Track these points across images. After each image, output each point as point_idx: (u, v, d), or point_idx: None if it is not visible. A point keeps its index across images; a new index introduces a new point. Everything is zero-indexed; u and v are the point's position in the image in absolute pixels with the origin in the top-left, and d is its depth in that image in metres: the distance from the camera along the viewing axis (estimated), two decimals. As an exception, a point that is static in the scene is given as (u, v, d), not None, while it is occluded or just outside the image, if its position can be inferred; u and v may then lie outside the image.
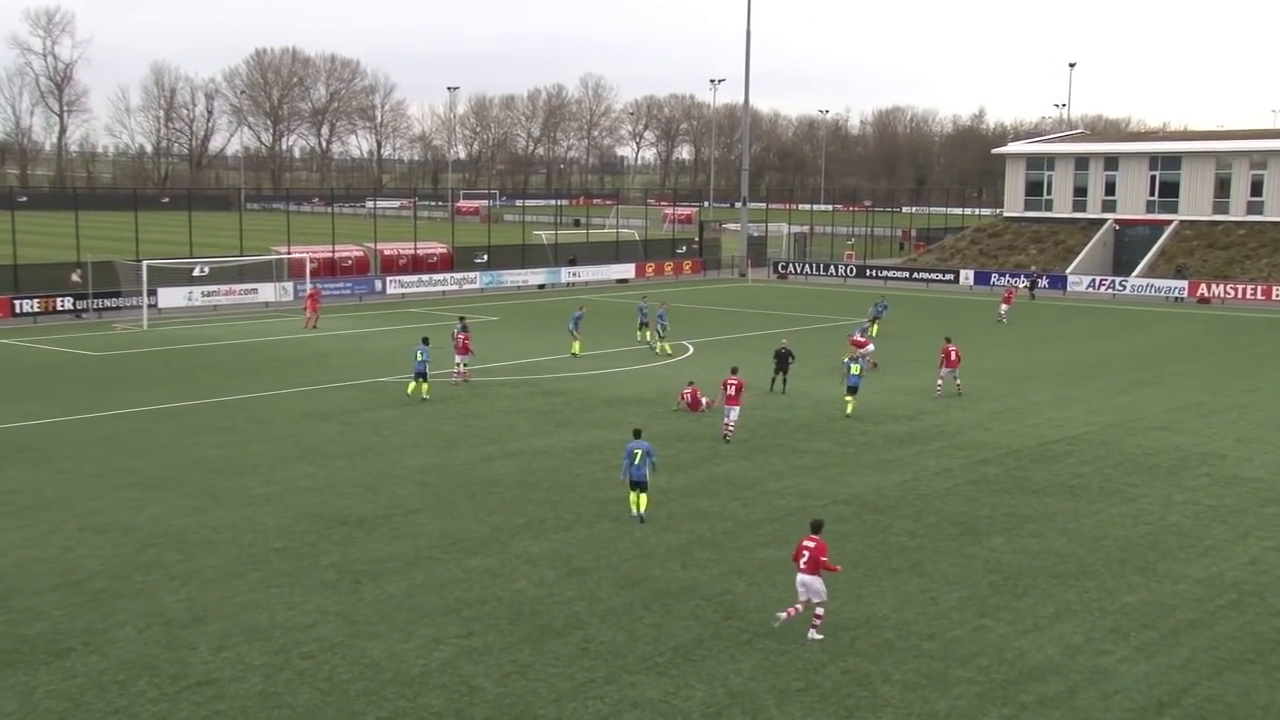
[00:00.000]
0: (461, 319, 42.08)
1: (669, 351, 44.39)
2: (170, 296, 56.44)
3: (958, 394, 36.50)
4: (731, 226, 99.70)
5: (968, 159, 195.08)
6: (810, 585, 17.33)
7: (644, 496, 23.09)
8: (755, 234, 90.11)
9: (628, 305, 61.85)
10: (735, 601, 18.73)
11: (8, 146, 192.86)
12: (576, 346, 43.61)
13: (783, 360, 36.70)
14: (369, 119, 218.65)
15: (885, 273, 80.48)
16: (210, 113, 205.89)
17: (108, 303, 55.11)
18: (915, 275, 79.60)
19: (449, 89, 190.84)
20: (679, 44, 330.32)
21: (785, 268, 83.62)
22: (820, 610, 17.38)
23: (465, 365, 37.87)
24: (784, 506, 24.18)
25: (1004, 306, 58.02)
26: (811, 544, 17.46)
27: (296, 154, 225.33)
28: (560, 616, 17.99)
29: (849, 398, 33.23)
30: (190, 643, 16.76)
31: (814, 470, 27.22)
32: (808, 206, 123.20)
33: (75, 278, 55.73)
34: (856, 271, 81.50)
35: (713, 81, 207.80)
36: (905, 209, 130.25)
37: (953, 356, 36.74)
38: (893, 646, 17.06)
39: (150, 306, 53.66)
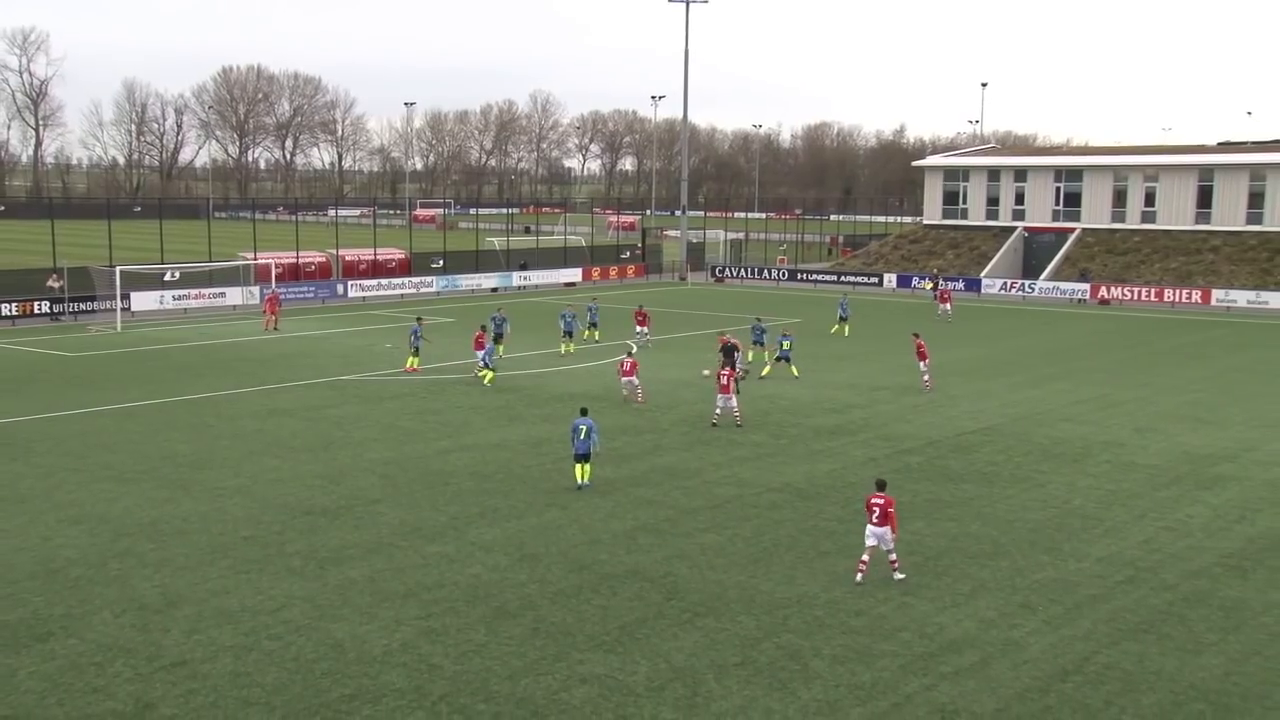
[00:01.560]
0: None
1: (571, 351, 43.79)
2: (143, 300, 55.57)
3: (924, 388, 36.76)
4: (672, 233, 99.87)
5: (890, 171, 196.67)
6: (881, 535, 18.77)
7: (588, 467, 24.42)
8: (694, 240, 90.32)
9: (579, 307, 61.78)
10: (677, 583, 18.80)
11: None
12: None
13: (729, 354, 36.09)
14: (330, 132, 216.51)
15: (815, 276, 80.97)
16: (180, 127, 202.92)
17: (83, 306, 54.17)
18: (842, 278, 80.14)
19: (406, 104, 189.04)
20: (622, 63, 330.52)
21: (722, 271, 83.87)
22: (893, 556, 18.97)
23: (491, 358, 38.41)
24: (722, 495, 24.28)
25: (944, 306, 59.06)
26: (880, 499, 18.82)
27: (262, 165, 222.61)
28: (513, 599, 17.97)
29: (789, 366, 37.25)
30: (164, 626, 16.56)
31: (750, 461, 27.35)
32: (743, 214, 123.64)
33: (52, 283, 54.70)
34: (788, 275, 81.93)
35: (654, 98, 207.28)
36: (833, 217, 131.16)
37: (923, 350, 37.30)
38: (823, 623, 17.21)
39: (123, 310, 52.84)
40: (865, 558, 19.00)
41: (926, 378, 37.26)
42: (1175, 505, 24.01)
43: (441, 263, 73.08)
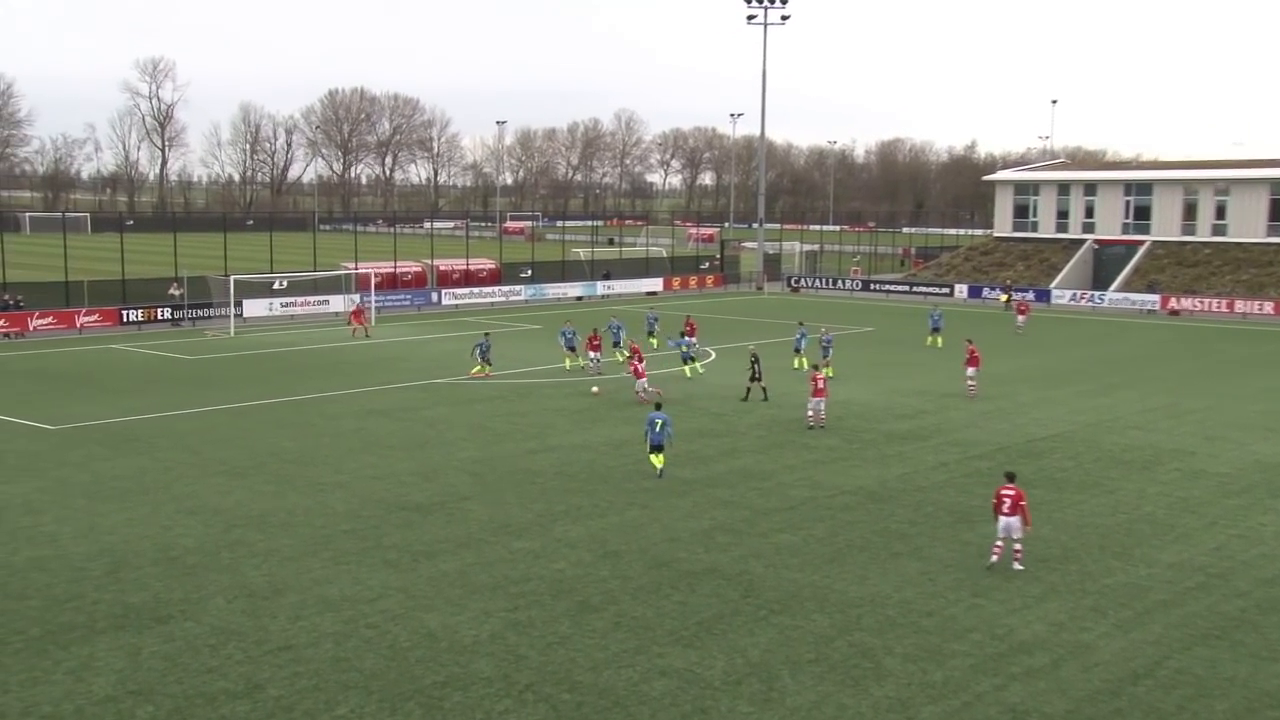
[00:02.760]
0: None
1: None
2: (254, 307, 56.83)
3: (968, 395, 36.13)
4: (749, 245, 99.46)
5: (961, 185, 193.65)
6: (1012, 525, 18.93)
7: (662, 457, 25.22)
8: (770, 251, 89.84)
9: (663, 317, 61.84)
10: (753, 581, 18.67)
11: (118, 177, 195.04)
12: (569, 362, 41.05)
13: (755, 370, 34.83)
14: (427, 150, 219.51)
15: (887, 286, 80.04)
16: (289, 145, 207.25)
17: (200, 313, 55.57)
18: (914, 289, 79.13)
19: (498, 122, 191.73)
20: (703, 82, 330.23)
21: (798, 282, 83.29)
22: (1019, 546, 19.06)
23: (599, 362, 38.91)
24: (796, 496, 24.08)
25: (1021, 318, 56.57)
26: (1011, 491, 19.02)
27: (364, 180, 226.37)
28: (596, 594, 17.99)
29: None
30: (271, 612, 16.88)
31: (824, 464, 27.10)
32: (818, 227, 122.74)
33: (173, 290, 56.23)
34: (862, 285, 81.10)
35: (732, 115, 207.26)
36: (905, 229, 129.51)
37: (974, 357, 36.56)
38: (895, 623, 16.96)
39: (236, 316, 54.08)
40: (999, 543, 19.24)
41: (973, 384, 36.49)
42: (1246, 513, 23.24)
43: (530, 272, 73.65)
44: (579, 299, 71.82)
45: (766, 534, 21.33)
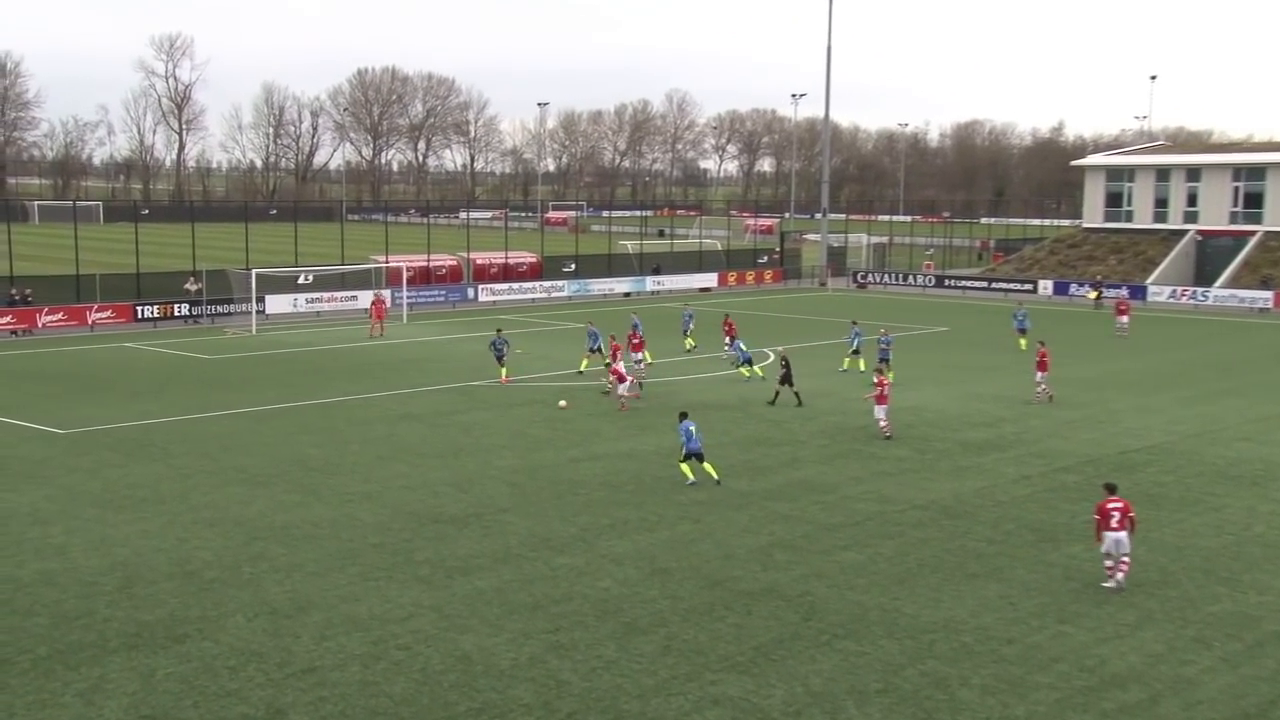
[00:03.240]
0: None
1: (693, 345, 43.52)
2: (277, 303, 57.55)
3: (1035, 400, 35.84)
4: (812, 237, 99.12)
5: (1046, 171, 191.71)
6: (1122, 541, 18.95)
7: (708, 464, 25.58)
8: (835, 244, 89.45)
9: (714, 314, 61.76)
10: (815, 603, 18.58)
11: (132, 163, 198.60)
12: (585, 364, 40.88)
13: (786, 374, 34.82)
14: (463, 134, 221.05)
15: (963, 283, 79.38)
16: (315, 129, 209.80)
17: (220, 309, 56.35)
18: (993, 285, 78.37)
19: (539, 104, 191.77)
20: (761, 60, 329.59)
21: (864, 277, 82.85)
22: (1128, 560, 19.09)
23: (641, 362, 38.97)
24: (862, 511, 23.93)
25: (1123, 319, 54.53)
26: (1119, 503, 19.11)
27: (395, 167, 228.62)
28: (644, 615, 17.99)
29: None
30: (294, 632, 17.06)
31: (892, 476, 26.92)
32: (886, 217, 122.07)
33: (189, 285, 57.07)
34: (935, 281, 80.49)
35: (794, 96, 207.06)
36: (983, 220, 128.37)
37: (1045, 360, 36.15)
38: (971, 650, 16.78)
39: (258, 312, 54.77)
40: (1110, 562, 19.23)
41: (1041, 389, 36.07)
42: (1365, 534, 22.75)
43: (573, 266, 73.93)
44: (627, 295, 71.97)
45: (830, 552, 21.22)
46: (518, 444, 29.68)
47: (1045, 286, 75.80)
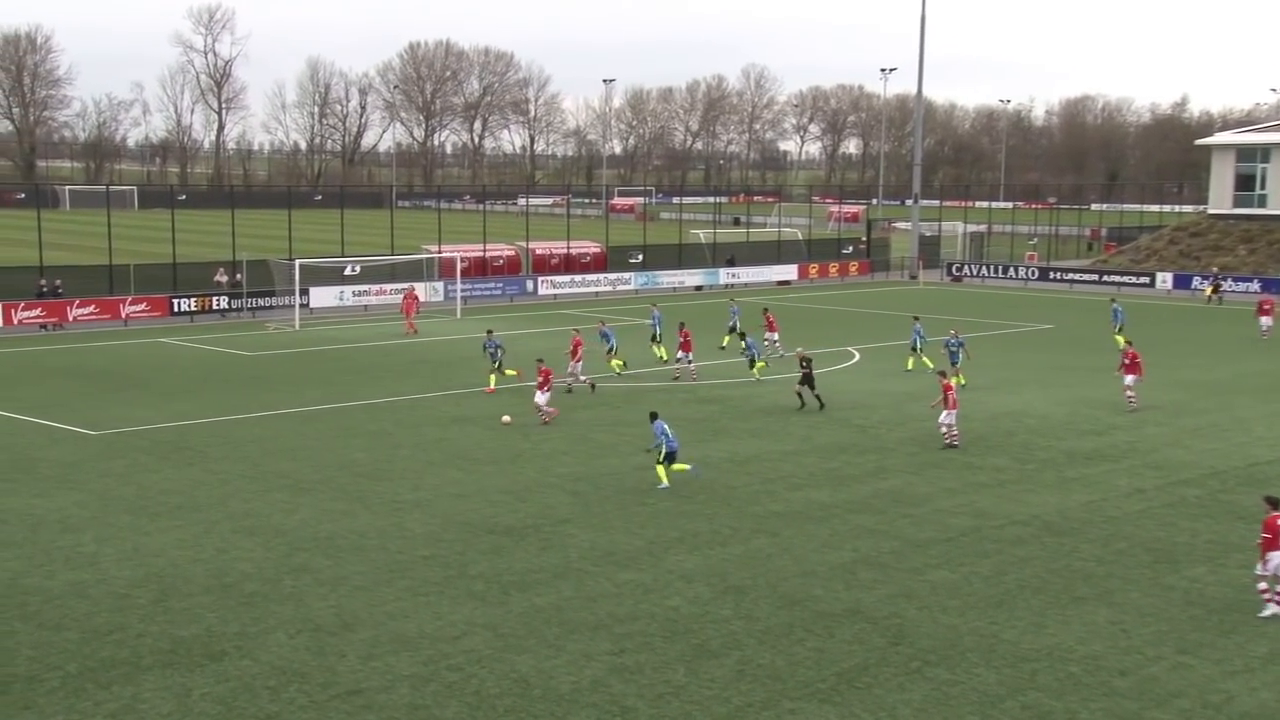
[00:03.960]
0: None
1: (664, 357, 43.15)
2: (322, 296, 58.29)
3: (1130, 408, 35.20)
4: (902, 225, 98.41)
5: (1166, 151, 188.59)
6: None
7: (677, 464, 26.22)
8: (927, 233, 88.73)
9: (797, 310, 61.57)
10: (904, 626, 18.46)
11: (169, 145, 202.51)
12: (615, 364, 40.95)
13: (807, 376, 34.59)
14: (522, 113, 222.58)
15: (1071, 275, 78.33)
16: (363, 108, 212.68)
17: (261, 301, 57.21)
18: (1105, 278, 77.26)
19: (605, 81, 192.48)
20: (847, 31, 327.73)
21: (960, 269, 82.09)
22: None
23: (690, 363, 39.26)
24: (956, 526, 23.72)
25: (1265, 320, 52.75)
26: None
27: (448, 150, 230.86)
28: (716, 636, 17.99)
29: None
30: (339, 650, 17.28)
31: (989, 488, 26.66)
32: (985, 204, 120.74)
33: (220, 278, 58.02)
34: (1039, 274, 79.51)
35: (883, 71, 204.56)
36: (1094, 206, 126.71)
37: (1134, 363, 35.51)
38: (1079, 682, 16.57)
39: (302, 306, 55.49)
40: (1264, 585, 19.04)
41: (1132, 395, 35.47)
42: None
43: (640, 257, 74.03)
44: (698, 289, 71.97)
45: (920, 570, 21.07)
46: (580, 449, 29.81)
47: (1164, 280, 74.52)
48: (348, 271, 61.06)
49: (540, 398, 32.51)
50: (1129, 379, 35.48)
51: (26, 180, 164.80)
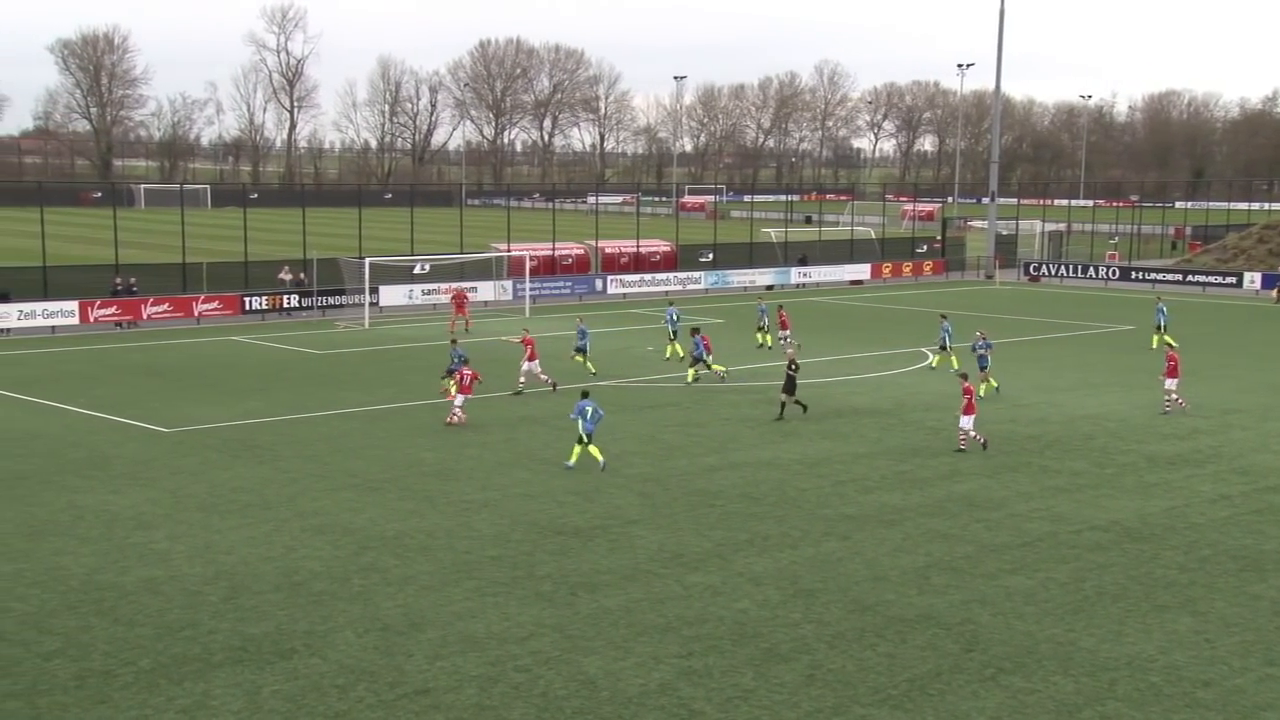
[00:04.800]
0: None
1: (681, 356, 43.26)
2: (391, 294, 58.85)
3: (1163, 411, 34.78)
4: (978, 224, 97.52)
5: (1256, 147, 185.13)
6: None
7: (592, 448, 27.41)
8: (1004, 232, 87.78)
9: (869, 310, 61.24)
10: (978, 632, 18.29)
11: (241, 143, 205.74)
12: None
13: (790, 380, 33.45)
14: (592, 111, 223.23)
15: (1154, 275, 77.09)
16: (434, 106, 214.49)
17: (331, 300, 57.88)
18: (1190, 278, 75.95)
19: (675, 78, 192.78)
20: (923, 26, 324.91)
21: (1038, 269, 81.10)
22: None
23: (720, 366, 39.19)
24: (1032, 531, 23.45)
25: None
26: None
27: (518, 148, 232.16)
28: (785, 640, 17.94)
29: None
30: (407, 650, 17.45)
31: (1067, 492, 26.33)
32: (1064, 202, 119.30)
33: (284, 276, 58.75)
34: (1120, 273, 78.35)
35: (960, 66, 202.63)
36: (1179, 204, 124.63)
37: (1175, 366, 34.99)
38: (1160, 693, 16.32)
39: (372, 304, 56.08)
40: None
41: (1172, 399, 34.97)
42: None
43: (711, 256, 73.94)
44: (769, 288, 71.74)
45: (994, 575, 20.87)
46: (648, 450, 29.84)
47: (1251, 280, 73.13)
48: (417, 270, 61.58)
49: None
50: (1170, 383, 34.97)
51: (103, 179, 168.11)
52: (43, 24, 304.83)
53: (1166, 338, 46.16)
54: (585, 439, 27.48)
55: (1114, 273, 78.71)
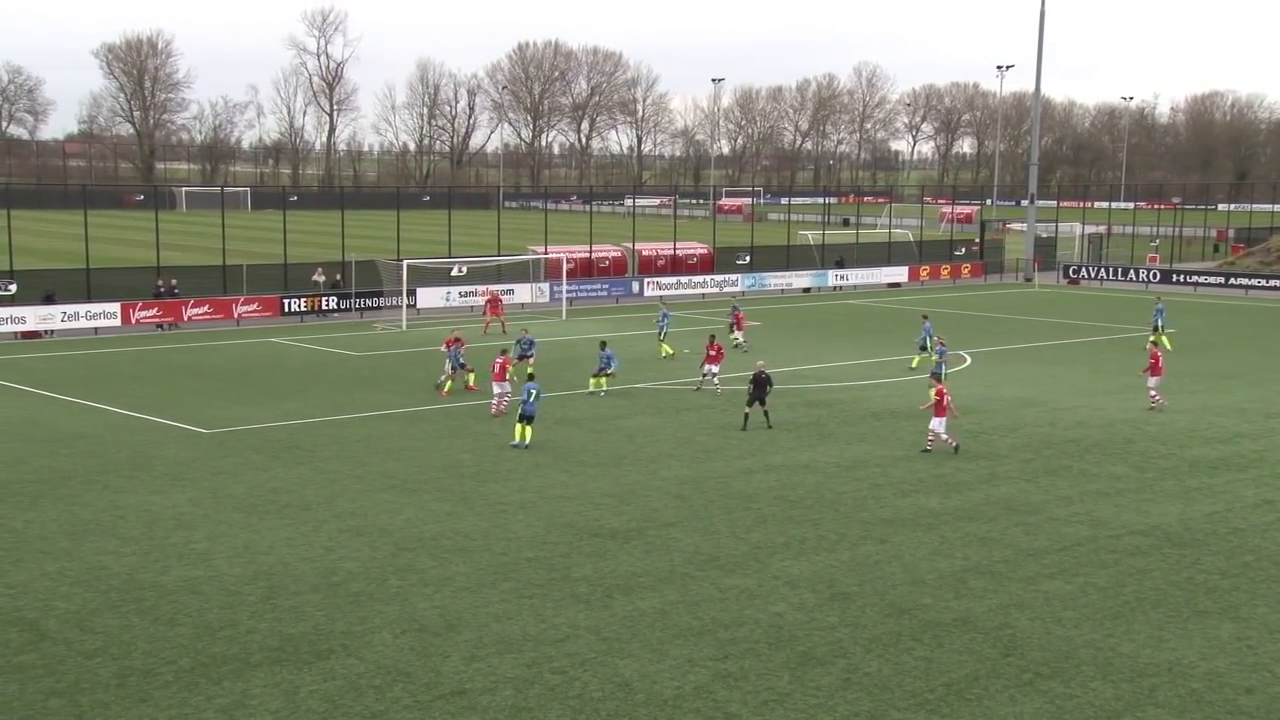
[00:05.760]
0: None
1: (670, 353, 44.32)
2: (429, 297, 59.09)
3: (1149, 407, 35.14)
4: (1017, 226, 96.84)
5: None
6: None
7: (530, 429, 29.65)
8: (1043, 234, 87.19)
9: (907, 312, 60.95)
10: (1016, 637, 18.17)
11: (281, 146, 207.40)
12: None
13: (760, 386, 32.45)
14: (630, 113, 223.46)
15: (1196, 278, 76.37)
16: (472, 109, 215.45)
17: (369, 302, 58.19)
18: (1232, 281, 75.17)
19: (713, 80, 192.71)
20: (962, 28, 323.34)
21: (1077, 272, 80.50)
22: None
23: (716, 377, 38.46)
24: (1072, 535, 23.28)
25: None
26: None
27: (555, 150, 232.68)
28: (822, 644, 17.88)
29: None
30: (443, 651, 17.51)
31: (1107, 496, 26.12)
32: (1105, 204, 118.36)
33: (317, 277, 59.06)
34: (1160, 276, 77.65)
35: (999, 68, 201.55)
36: (1221, 206, 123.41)
37: (1159, 364, 35.25)
38: (1201, 699, 16.16)
39: (409, 306, 56.33)
40: None
41: (1155, 395, 35.27)
42: None
43: (748, 259, 73.83)
44: (806, 291, 71.60)
45: (1033, 580, 20.72)
46: (685, 452, 29.83)
47: (1294, 282, 72.33)
48: (454, 272, 61.79)
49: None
50: (1150, 380, 35.33)
51: (146, 182, 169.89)
52: (88, 29, 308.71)
53: (1162, 338, 46.07)
54: (528, 419, 29.85)
55: (1155, 275, 78.02)
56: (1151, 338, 45.24)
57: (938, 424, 29.82)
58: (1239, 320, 58.94)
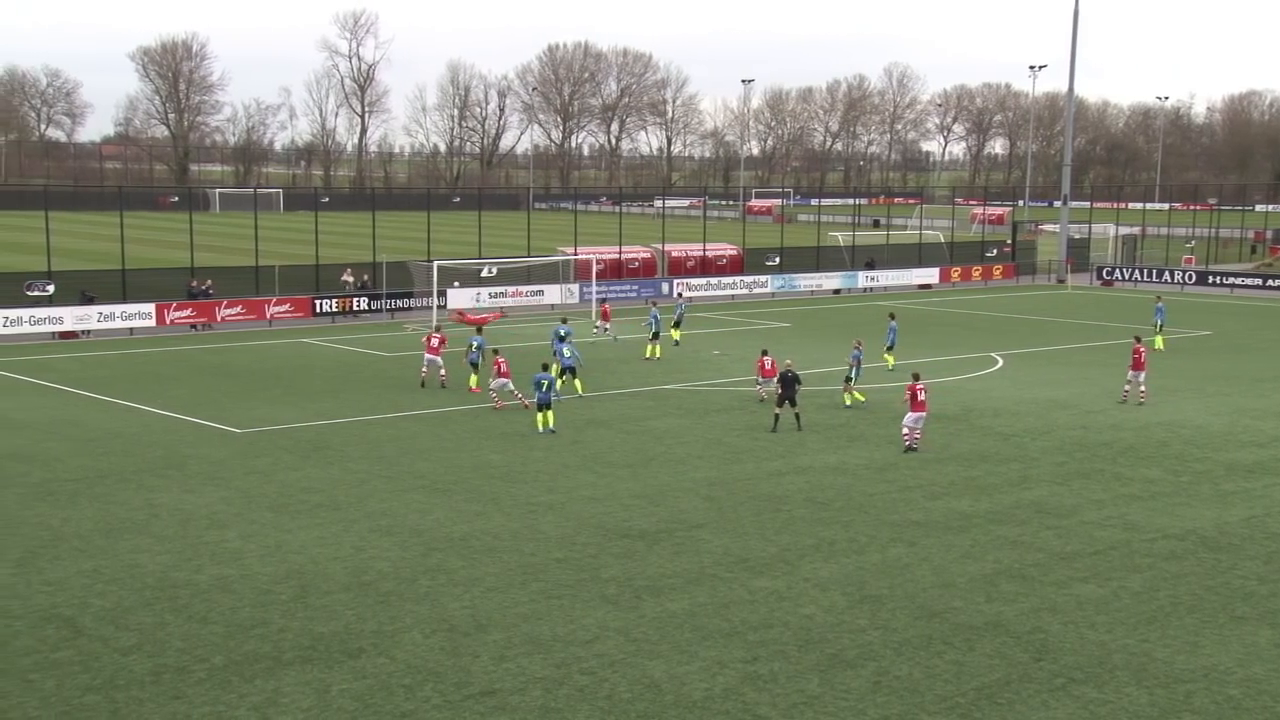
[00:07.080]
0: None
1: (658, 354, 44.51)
2: (459, 298, 59.27)
3: (1139, 402, 35.53)
4: (1049, 228, 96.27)
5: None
6: None
7: (551, 414, 31.46)
8: (1076, 236, 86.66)
9: (938, 314, 60.73)
10: (1047, 641, 18.06)
11: (313, 148, 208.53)
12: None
13: (789, 385, 32.13)
14: (660, 114, 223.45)
15: (1232, 279, 75.75)
16: (502, 110, 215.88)
17: (399, 303, 58.42)
18: (1270, 283, 74.51)
19: (743, 81, 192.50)
20: (994, 28, 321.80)
21: (1111, 273, 79.97)
22: None
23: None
24: (1104, 539, 23.12)
25: None
26: None
27: (585, 151, 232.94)
28: (851, 646, 17.83)
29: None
30: (473, 651, 17.56)
31: (1141, 500, 25.93)
32: (1139, 205, 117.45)
33: (346, 278, 59.30)
34: (1196, 278, 77.05)
35: (1032, 68, 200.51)
36: (1259, 208, 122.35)
37: (1141, 358, 35.49)
38: (1239, 706, 16.01)
39: (440, 307, 56.52)
40: None
41: (1132, 388, 35.56)
42: None
43: (778, 260, 73.72)
44: (836, 292, 71.43)
45: (1065, 584, 20.60)
46: (714, 454, 29.80)
47: (1331, 284, 71.63)
48: (484, 273, 61.94)
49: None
50: (1133, 374, 35.76)
51: (180, 184, 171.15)
52: (124, 32, 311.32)
53: (1157, 337, 45.92)
54: (545, 407, 31.55)
55: (1190, 277, 77.46)
56: (1156, 338, 45.06)
57: (913, 420, 30.01)
58: (1276, 322, 58.41)
